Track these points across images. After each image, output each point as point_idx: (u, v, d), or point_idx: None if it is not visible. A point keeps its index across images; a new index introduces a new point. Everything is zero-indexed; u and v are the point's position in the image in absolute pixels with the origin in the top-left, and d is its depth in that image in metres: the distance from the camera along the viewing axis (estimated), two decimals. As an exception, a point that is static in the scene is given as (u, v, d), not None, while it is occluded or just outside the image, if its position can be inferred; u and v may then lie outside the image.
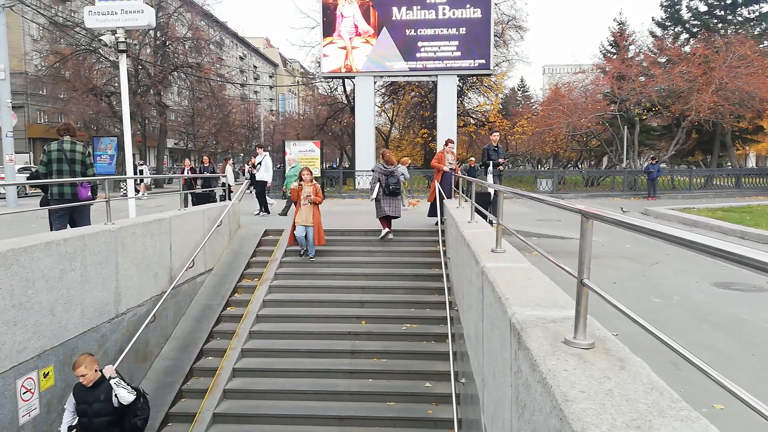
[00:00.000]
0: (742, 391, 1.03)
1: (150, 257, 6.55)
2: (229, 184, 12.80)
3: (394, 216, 9.11)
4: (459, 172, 10.52)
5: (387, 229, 9.16)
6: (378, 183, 8.96)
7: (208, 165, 13.46)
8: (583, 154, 38.04)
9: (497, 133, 11.29)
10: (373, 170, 9.42)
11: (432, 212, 9.69)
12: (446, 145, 10.24)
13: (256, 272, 8.34)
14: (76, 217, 6.53)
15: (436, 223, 9.07)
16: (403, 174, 14.43)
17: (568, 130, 27.06)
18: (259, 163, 12.94)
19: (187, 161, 13.64)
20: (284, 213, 12.24)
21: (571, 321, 1.83)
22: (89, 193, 6.69)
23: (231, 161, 14.80)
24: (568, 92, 29.79)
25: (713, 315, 5.78)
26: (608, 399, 1.36)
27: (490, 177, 10.05)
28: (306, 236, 8.36)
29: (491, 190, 8.51)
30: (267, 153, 13.30)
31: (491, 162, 10.09)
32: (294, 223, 8.39)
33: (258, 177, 12.88)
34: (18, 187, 18.11)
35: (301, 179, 8.42)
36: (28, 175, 18.83)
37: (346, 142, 36.94)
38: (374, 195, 8.97)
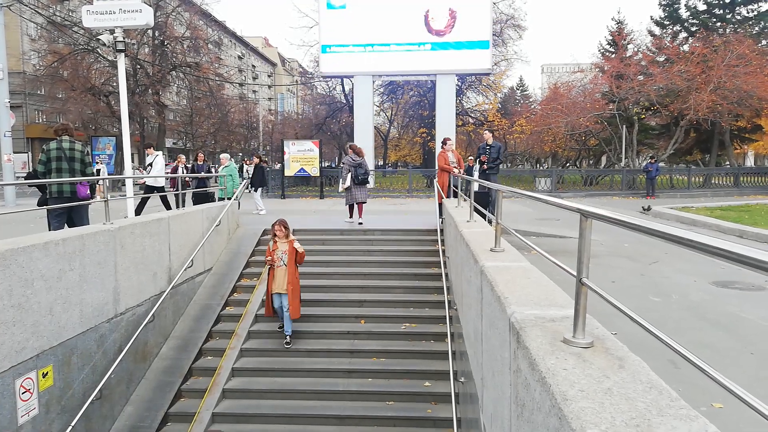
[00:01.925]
0: (741, 389, 1.03)
1: (149, 257, 6.54)
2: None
3: (362, 201, 10.10)
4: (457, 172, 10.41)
5: (360, 218, 10.11)
6: (349, 174, 9.78)
7: (203, 163, 12.75)
8: (582, 153, 38.09)
9: (488, 132, 10.98)
10: (343, 163, 10.21)
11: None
12: (444, 144, 10.11)
13: (255, 272, 8.34)
14: (74, 216, 6.53)
15: (442, 221, 9.07)
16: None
17: (567, 130, 27.07)
18: (149, 165, 11.22)
19: (182, 157, 12.71)
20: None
21: (570, 320, 1.83)
22: (88, 192, 6.69)
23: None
24: (566, 91, 29.80)
25: (712, 314, 5.78)
26: (607, 398, 1.36)
27: (475, 175, 10.04)
28: (282, 306, 6.57)
29: (476, 185, 8.34)
30: (159, 153, 11.45)
31: (478, 160, 10.08)
32: (269, 290, 6.64)
33: (150, 182, 10.91)
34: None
35: (274, 234, 6.58)
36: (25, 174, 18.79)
37: (345, 141, 36.90)
38: (347, 184, 9.85)
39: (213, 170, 13.49)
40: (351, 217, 10.31)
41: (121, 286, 5.87)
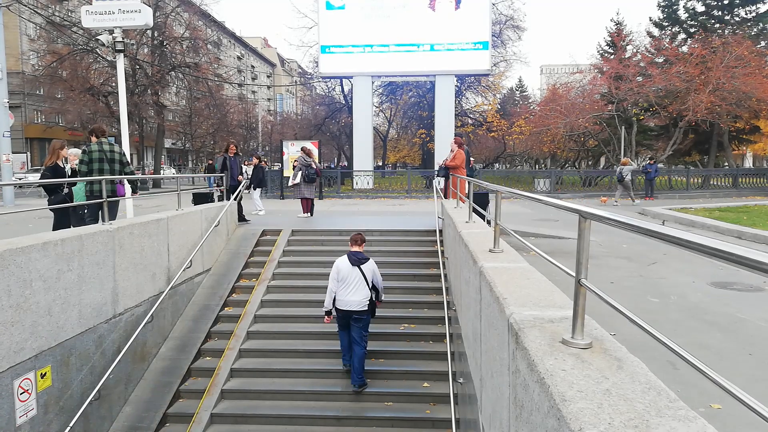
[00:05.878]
0: (740, 390, 1.03)
1: (148, 257, 6.54)
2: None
3: (310, 197, 11.31)
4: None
5: (308, 213, 11.27)
6: (300, 172, 10.91)
7: (234, 156, 10.80)
8: (581, 154, 38.11)
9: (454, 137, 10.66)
10: (296, 161, 11.40)
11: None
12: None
13: (254, 272, 8.33)
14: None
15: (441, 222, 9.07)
16: (630, 173, 18.42)
17: (566, 130, 27.09)
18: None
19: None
20: None
21: (569, 321, 1.84)
22: (125, 191, 7.13)
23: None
24: (565, 92, 29.82)
25: (711, 314, 5.79)
26: (606, 399, 1.37)
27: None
28: None
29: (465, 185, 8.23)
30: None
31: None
32: None
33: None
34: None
35: None
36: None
37: (344, 141, 36.99)
38: (297, 180, 10.99)
39: (244, 165, 12.22)
40: (304, 212, 11.31)
41: (119, 287, 5.87)
